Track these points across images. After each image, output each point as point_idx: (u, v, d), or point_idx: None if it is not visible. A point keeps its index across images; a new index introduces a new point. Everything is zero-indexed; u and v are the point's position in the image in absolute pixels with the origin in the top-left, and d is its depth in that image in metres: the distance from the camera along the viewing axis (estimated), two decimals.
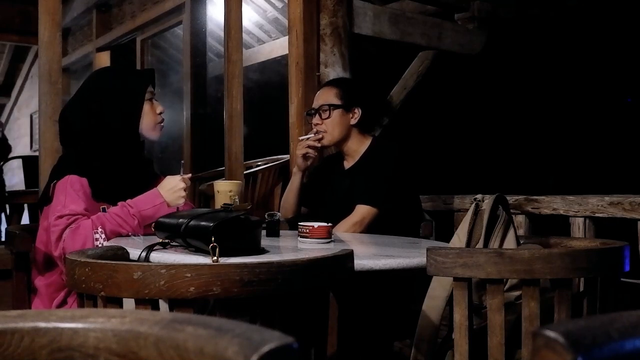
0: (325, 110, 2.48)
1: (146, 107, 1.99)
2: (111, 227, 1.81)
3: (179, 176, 1.92)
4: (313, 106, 2.57)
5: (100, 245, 1.77)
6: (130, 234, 1.84)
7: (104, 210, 1.88)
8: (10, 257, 1.98)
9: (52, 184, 1.91)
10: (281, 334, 0.49)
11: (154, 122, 2.02)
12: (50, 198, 1.90)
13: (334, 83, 2.64)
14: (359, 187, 2.38)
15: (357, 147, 2.51)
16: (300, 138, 2.67)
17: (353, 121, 2.48)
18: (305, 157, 2.54)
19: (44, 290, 1.93)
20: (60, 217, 1.80)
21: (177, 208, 1.92)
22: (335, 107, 2.48)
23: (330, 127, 2.48)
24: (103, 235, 1.79)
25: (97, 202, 1.89)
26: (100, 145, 1.93)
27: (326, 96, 2.53)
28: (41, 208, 1.98)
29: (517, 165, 5.35)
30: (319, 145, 2.51)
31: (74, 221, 1.79)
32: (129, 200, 1.86)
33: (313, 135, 2.52)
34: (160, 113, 2.03)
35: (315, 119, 2.52)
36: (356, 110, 2.48)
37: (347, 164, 2.55)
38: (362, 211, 2.31)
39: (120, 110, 1.95)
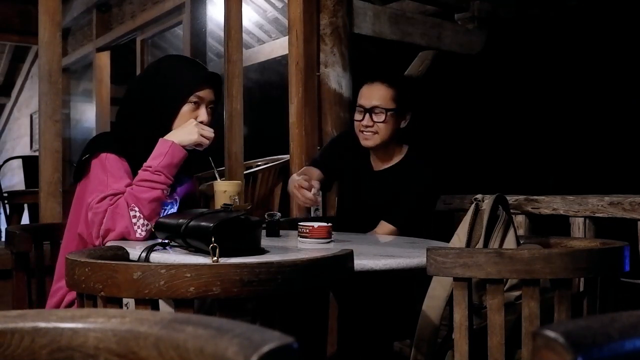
0: (381, 114, 2.31)
1: (185, 109, 1.87)
2: (145, 195, 1.73)
3: (194, 120, 1.87)
4: (363, 103, 2.35)
5: (139, 225, 1.71)
6: (164, 191, 1.77)
7: None
8: (10, 257, 1.98)
9: (85, 158, 1.82)
10: (281, 334, 0.49)
11: None
12: (81, 175, 1.83)
13: (389, 82, 2.40)
14: (391, 200, 2.34)
15: (392, 152, 2.41)
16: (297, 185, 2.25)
17: (403, 125, 2.37)
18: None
19: (61, 292, 1.89)
20: (103, 198, 1.72)
21: (202, 146, 1.88)
22: (391, 111, 2.32)
23: (382, 131, 2.32)
24: (139, 214, 1.71)
25: None
26: (138, 131, 1.87)
27: (382, 97, 2.34)
28: (74, 186, 1.91)
29: (517, 165, 5.34)
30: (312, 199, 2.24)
31: (115, 201, 1.72)
32: (144, 164, 1.79)
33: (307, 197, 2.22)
34: (201, 122, 1.89)
35: (366, 120, 2.32)
36: (408, 115, 2.37)
37: (376, 166, 2.44)
38: (386, 229, 2.28)
39: (158, 105, 1.88)
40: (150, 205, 1.74)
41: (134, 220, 1.71)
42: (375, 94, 2.34)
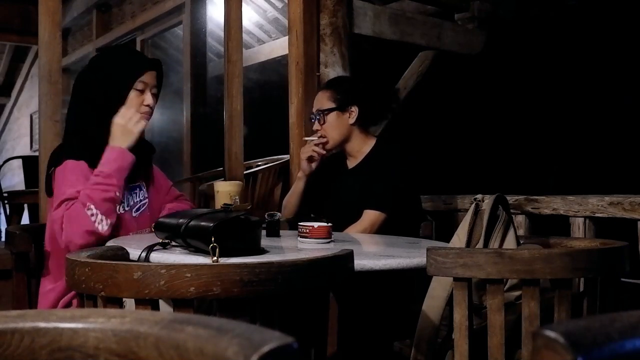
0: (321, 116, 2.48)
1: (132, 95, 1.94)
2: (99, 195, 1.78)
3: (115, 118, 1.91)
4: (312, 111, 2.58)
5: (99, 221, 1.76)
6: (117, 193, 1.82)
7: None
8: (10, 257, 1.98)
9: (51, 171, 1.90)
10: (281, 334, 0.49)
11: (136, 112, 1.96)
12: (52, 188, 1.90)
13: (327, 85, 2.64)
14: (365, 190, 2.37)
15: (360, 147, 2.50)
16: (305, 139, 2.68)
17: (351, 120, 2.47)
18: (310, 160, 2.52)
19: (52, 295, 1.91)
20: (59, 205, 1.79)
21: (143, 134, 1.97)
22: (329, 110, 2.47)
23: (329, 131, 2.48)
24: (96, 211, 1.76)
25: None
26: (90, 125, 1.92)
27: (320, 101, 2.53)
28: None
29: (517, 165, 5.34)
30: (324, 151, 2.50)
31: (71, 206, 1.78)
32: (96, 169, 1.84)
33: (317, 138, 2.50)
34: (148, 105, 1.97)
35: (315, 125, 2.53)
36: (352, 109, 2.47)
37: (350, 164, 2.54)
38: (371, 217, 2.30)
39: (105, 93, 1.93)
40: (105, 203, 1.79)
41: (92, 218, 1.76)
42: (316, 102, 2.55)
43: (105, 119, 1.93)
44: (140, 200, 2.03)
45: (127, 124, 1.91)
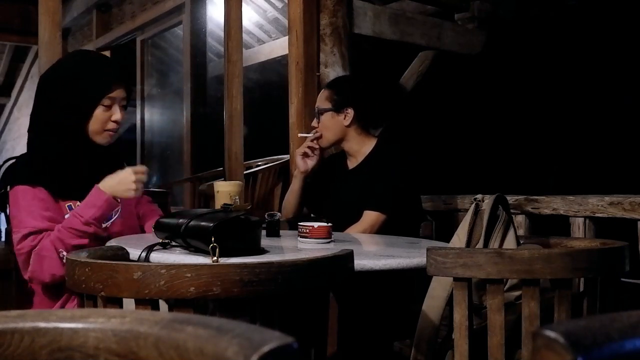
0: (318, 114, 2.50)
1: (98, 111, 1.83)
2: (73, 242, 1.71)
3: (130, 169, 1.80)
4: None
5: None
6: (91, 238, 1.75)
7: (70, 207, 1.80)
8: (10, 257, 1.98)
9: (2, 192, 1.82)
10: (281, 334, 0.49)
11: (102, 128, 1.85)
12: (5, 205, 1.83)
13: (329, 85, 2.66)
14: (365, 190, 2.37)
15: (360, 147, 2.49)
16: (300, 135, 2.70)
17: (346, 122, 2.46)
18: (304, 157, 2.53)
19: (42, 291, 1.92)
20: (24, 238, 1.73)
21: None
22: (325, 110, 2.49)
23: (323, 131, 2.49)
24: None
25: (63, 200, 1.81)
26: (52, 138, 1.83)
27: (320, 99, 2.54)
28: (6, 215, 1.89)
29: (517, 165, 5.34)
30: (318, 146, 2.52)
31: (39, 241, 1.72)
32: (76, 208, 1.76)
33: (312, 134, 2.52)
34: (115, 121, 1.86)
35: (313, 123, 2.55)
36: (348, 111, 2.46)
37: (351, 164, 2.54)
38: (372, 218, 2.30)
39: (68, 110, 1.82)
40: (77, 247, 1.70)
41: (63, 260, 1.69)
42: (318, 99, 2.57)
43: (67, 137, 1.83)
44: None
45: (132, 182, 1.77)
